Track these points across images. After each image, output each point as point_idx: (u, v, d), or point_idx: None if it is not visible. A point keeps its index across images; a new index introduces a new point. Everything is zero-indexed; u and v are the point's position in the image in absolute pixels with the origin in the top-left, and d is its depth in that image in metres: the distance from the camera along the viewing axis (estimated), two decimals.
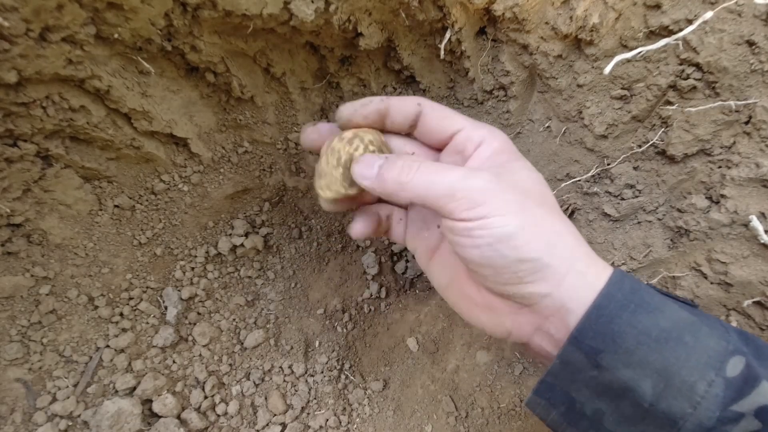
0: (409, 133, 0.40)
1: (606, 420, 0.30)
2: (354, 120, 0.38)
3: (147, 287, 0.73)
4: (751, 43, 0.46)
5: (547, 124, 0.63)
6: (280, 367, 0.78)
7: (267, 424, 0.72)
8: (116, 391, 0.66)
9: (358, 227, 0.41)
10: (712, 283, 0.54)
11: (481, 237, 0.31)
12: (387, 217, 0.43)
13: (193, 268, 0.77)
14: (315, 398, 0.76)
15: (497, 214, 0.30)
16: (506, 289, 0.32)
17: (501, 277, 0.32)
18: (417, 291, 0.88)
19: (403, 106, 0.38)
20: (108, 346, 0.68)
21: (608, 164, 0.59)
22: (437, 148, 0.41)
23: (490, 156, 0.36)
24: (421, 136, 0.40)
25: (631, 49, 0.50)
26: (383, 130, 0.40)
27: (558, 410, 0.32)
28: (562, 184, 0.63)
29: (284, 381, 0.77)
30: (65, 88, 0.53)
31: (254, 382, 0.75)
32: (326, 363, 0.80)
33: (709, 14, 0.46)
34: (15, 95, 0.49)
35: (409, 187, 0.32)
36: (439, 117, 0.38)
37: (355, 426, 0.75)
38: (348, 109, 0.38)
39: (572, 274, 0.31)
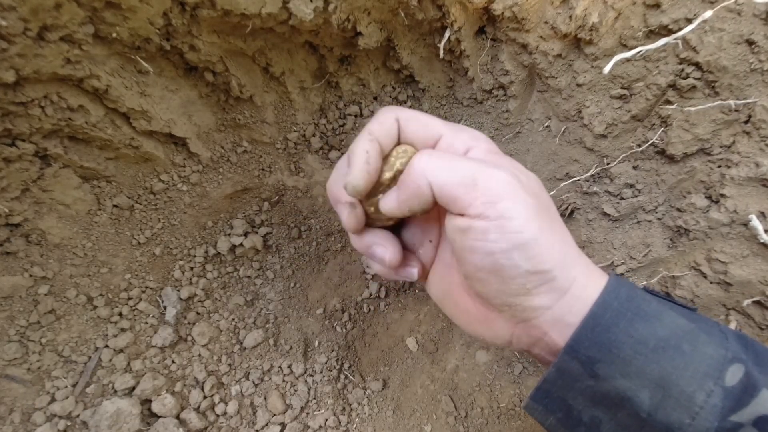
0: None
1: (603, 428, 0.30)
2: (373, 181, 0.32)
3: (146, 287, 0.73)
4: (750, 43, 0.46)
5: (546, 124, 0.63)
6: (280, 366, 0.78)
7: (266, 424, 0.72)
8: (115, 391, 0.66)
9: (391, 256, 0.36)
10: (711, 282, 0.54)
11: (496, 242, 0.28)
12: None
13: (192, 268, 0.77)
14: (314, 398, 0.76)
15: (518, 216, 0.28)
16: (508, 300, 0.31)
17: (507, 287, 0.30)
18: (416, 291, 0.88)
19: (386, 131, 0.33)
20: (107, 346, 0.68)
21: (608, 164, 0.59)
22: None
23: (484, 158, 0.33)
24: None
25: (631, 49, 0.50)
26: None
27: (555, 416, 0.32)
28: (562, 184, 0.63)
29: (283, 381, 0.77)
30: (63, 87, 0.53)
31: (253, 382, 0.75)
32: (325, 363, 0.80)
33: (708, 13, 0.45)
34: (13, 95, 0.49)
35: (428, 172, 0.29)
36: (418, 126, 0.34)
37: (354, 426, 0.75)
38: (361, 178, 0.31)
39: (574, 287, 0.30)
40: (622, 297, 0.30)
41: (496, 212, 0.28)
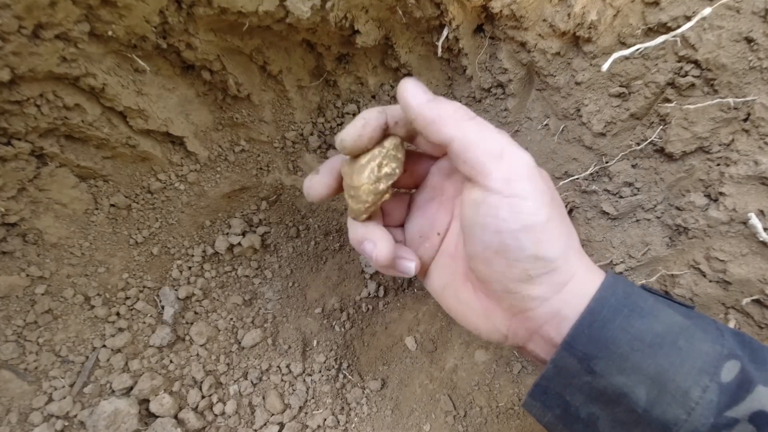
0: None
1: (600, 424, 0.30)
2: (361, 145, 0.33)
3: (144, 287, 0.73)
4: (749, 40, 0.46)
5: (545, 122, 0.63)
6: (278, 366, 0.78)
7: (265, 424, 0.72)
8: (113, 391, 0.66)
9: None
10: (710, 281, 0.54)
11: (506, 221, 0.29)
12: None
13: (190, 268, 0.77)
14: (313, 398, 0.76)
15: (532, 198, 0.29)
16: (509, 286, 0.31)
17: (510, 271, 0.30)
18: (415, 290, 0.88)
19: (404, 117, 0.34)
20: (104, 346, 0.68)
21: (606, 162, 0.59)
22: (435, 157, 0.38)
23: None
24: (419, 145, 0.37)
25: (630, 47, 0.50)
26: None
27: (553, 412, 0.32)
28: (561, 183, 0.63)
29: (282, 380, 0.77)
30: (59, 86, 0.52)
31: (252, 382, 0.75)
32: (324, 362, 0.80)
33: (707, 11, 0.45)
34: (8, 93, 0.49)
35: (463, 126, 0.30)
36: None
37: (353, 425, 0.75)
38: (351, 137, 0.33)
39: (573, 282, 0.30)
40: (618, 294, 0.30)
41: (511, 190, 0.29)
